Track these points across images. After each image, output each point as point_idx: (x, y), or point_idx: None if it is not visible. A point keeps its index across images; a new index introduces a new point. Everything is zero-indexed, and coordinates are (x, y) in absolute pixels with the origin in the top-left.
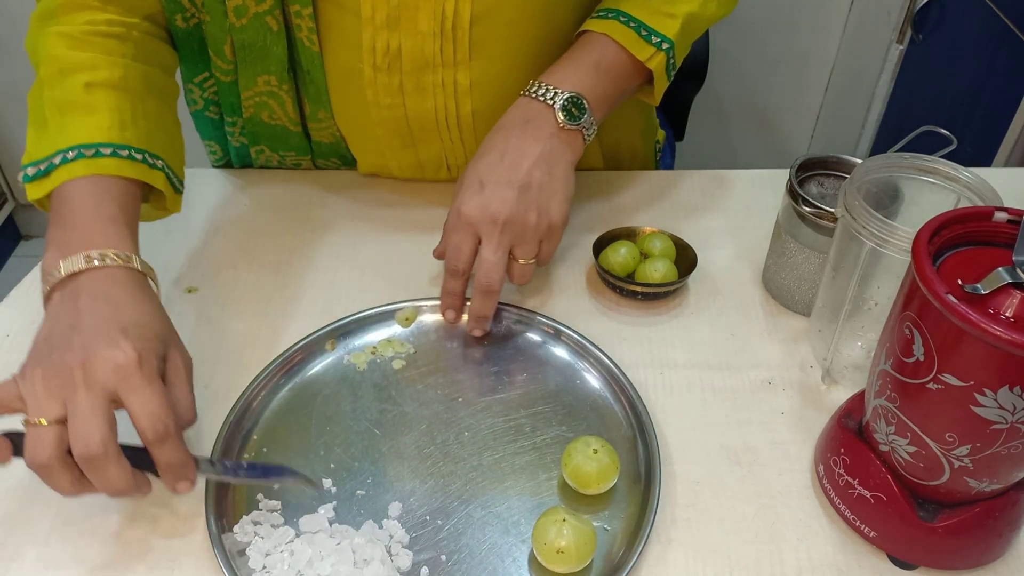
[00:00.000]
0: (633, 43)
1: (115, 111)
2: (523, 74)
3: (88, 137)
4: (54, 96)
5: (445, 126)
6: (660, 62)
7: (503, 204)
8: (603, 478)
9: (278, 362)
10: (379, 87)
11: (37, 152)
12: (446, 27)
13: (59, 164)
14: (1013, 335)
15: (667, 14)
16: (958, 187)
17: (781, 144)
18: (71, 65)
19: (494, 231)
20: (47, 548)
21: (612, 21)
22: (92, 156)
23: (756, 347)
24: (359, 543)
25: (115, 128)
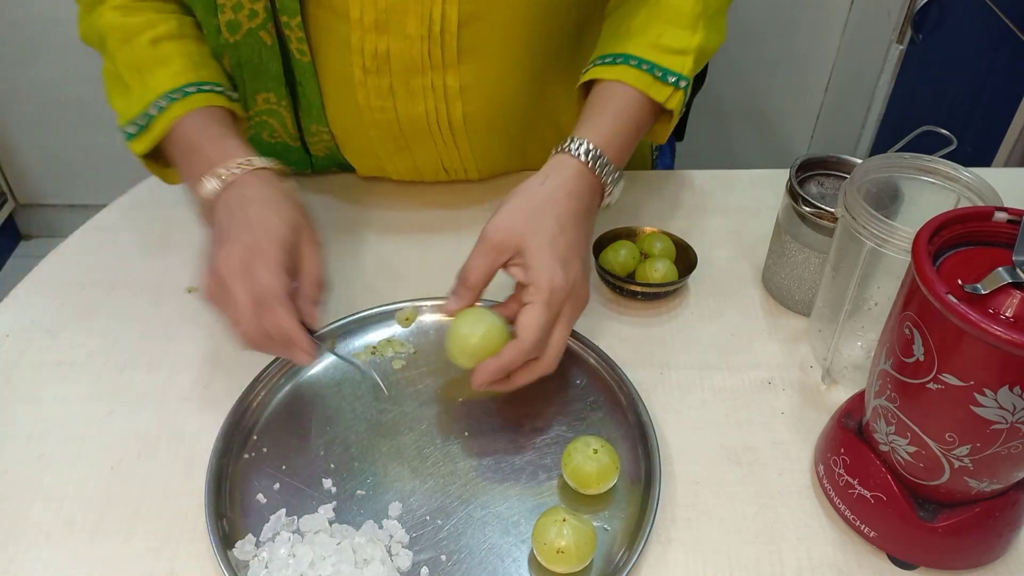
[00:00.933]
0: (649, 86)
1: (184, 56)
2: (512, 78)
3: (172, 83)
4: (127, 60)
5: (437, 129)
6: (678, 101)
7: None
8: (603, 478)
9: (278, 362)
10: (370, 89)
11: (129, 112)
12: (434, 31)
13: (156, 114)
14: (1013, 335)
15: (677, 51)
16: (958, 187)
17: (781, 144)
18: (132, 29)
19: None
20: (47, 548)
21: (623, 67)
22: (182, 98)
23: (756, 347)
24: (359, 543)
25: (191, 70)
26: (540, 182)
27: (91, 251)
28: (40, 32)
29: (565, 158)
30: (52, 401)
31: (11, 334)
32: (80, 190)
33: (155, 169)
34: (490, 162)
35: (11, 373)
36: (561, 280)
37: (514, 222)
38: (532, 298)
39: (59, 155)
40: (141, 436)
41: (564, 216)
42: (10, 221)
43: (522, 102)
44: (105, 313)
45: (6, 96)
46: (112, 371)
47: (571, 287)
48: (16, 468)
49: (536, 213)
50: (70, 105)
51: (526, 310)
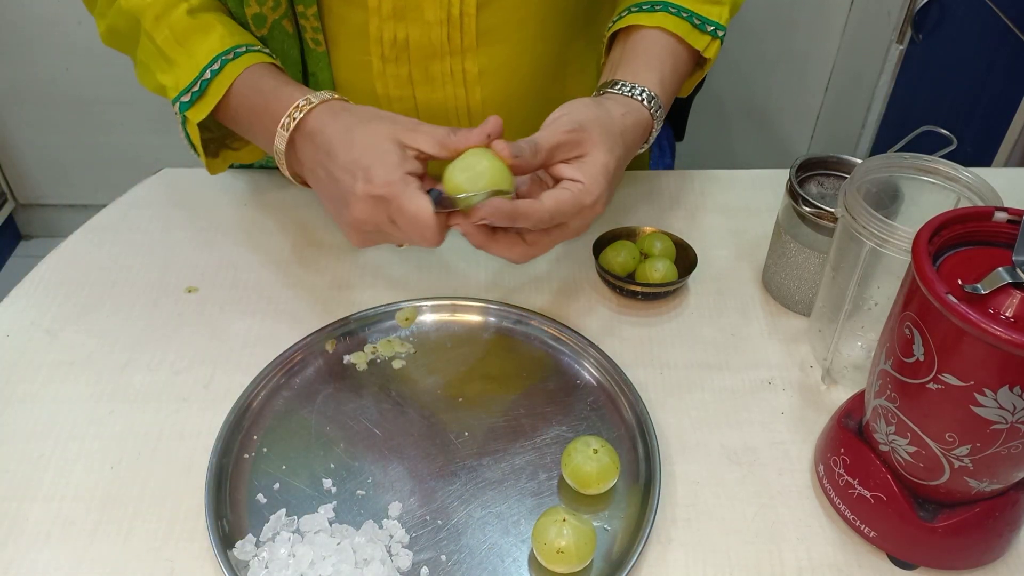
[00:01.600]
0: (688, 33)
1: (225, 23)
2: (531, 60)
3: (220, 46)
4: (166, 35)
5: (455, 115)
6: (715, 50)
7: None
8: (603, 478)
9: (278, 362)
10: (388, 79)
11: (180, 82)
12: (453, 14)
13: (211, 78)
14: (1013, 335)
15: (714, 1)
16: (958, 187)
17: (781, 144)
18: (165, 4)
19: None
20: (47, 548)
21: (662, 14)
22: (234, 58)
23: (756, 347)
24: (359, 543)
25: (236, 35)
26: (622, 114)
27: (91, 251)
28: (40, 32)
29: (638, 106)
30: (52, 401)
31: (11, 334)
32: (80, 190)
33: (203, 157)
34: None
35: (11, 373)
36: (601, 204)
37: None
38: (574, 190)
39: (59, 155)
40: (141, 436)
41: (628, 153)
42: (10, 221)
43: (538, 84)
44: (105, 313)
45: (6, 96)
46: (112, 371)
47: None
48: (16, 468)
49: (614, 136)
50: (70, 105)
51: (562, 190)
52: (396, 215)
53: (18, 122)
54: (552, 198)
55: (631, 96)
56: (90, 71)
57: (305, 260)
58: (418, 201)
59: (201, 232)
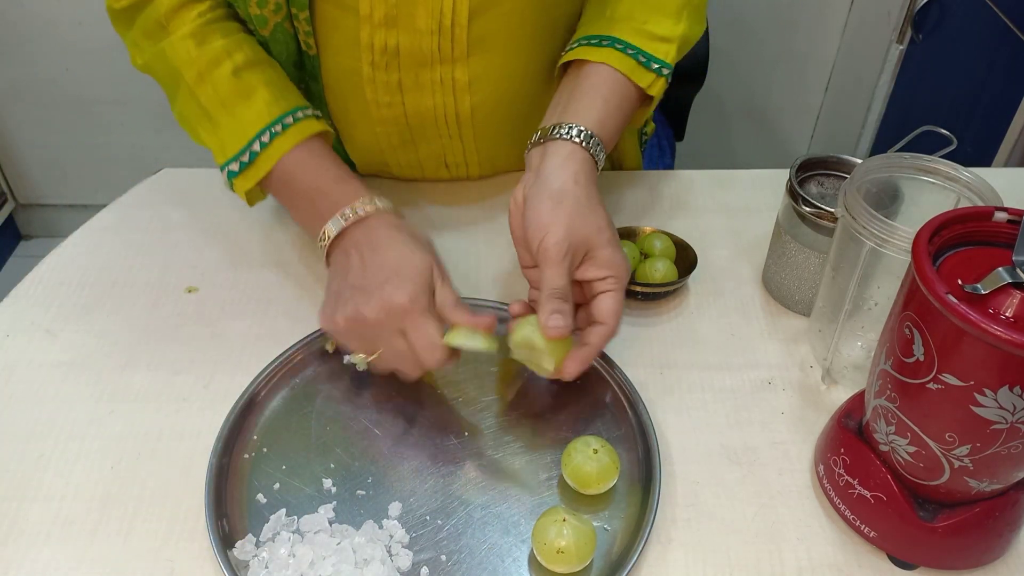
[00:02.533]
0: (633, 70)
1: (268, 84)
2: (520, 70)
3: (267, 115)
4: (210, 95)
5: (444, 123)
6: (660, 88)
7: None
8: (603, 478)
9: (278, 362)
10: (378, 85)
11: (226, 148)
12: (444, 24)
13: (260, 150)
14: (1013, 335)
15: (661, 38)
16: (958, 187)
17: (781, 144)
18: (209, 61)
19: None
20: (47, 548)
21: (608, 49)
22: (283, 131)
23: (756, 347)
24: (359, 543)
25: (280, 99)
26: (573, 180)
27: (91, 251)
28: (40, 32)
29: (570, 146)
30: (52, 401)
31: (11, 334)
32: (80, 190)
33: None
34: (492, 156)
35: (11, 373)
36: (625, 264)
37: (572, 233)
38: (612, 287)
39: (59, 155)
40: (141, 436)
41: (598, 204)
42: (10, 221)
43: (527, 94)
44: (105, 313)
45: (6, 96)
46: (112, 371)
47: (625, 267)
48: (16, 468)
49: (587, 215)
50: (70, 105)
51: (608, 297)
52: (411, 330)
53: (18, 122)
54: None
55: (568, 139)
56: (90, 71)
57: (305, 260)
58: (435, 324)
59: (201, 232)
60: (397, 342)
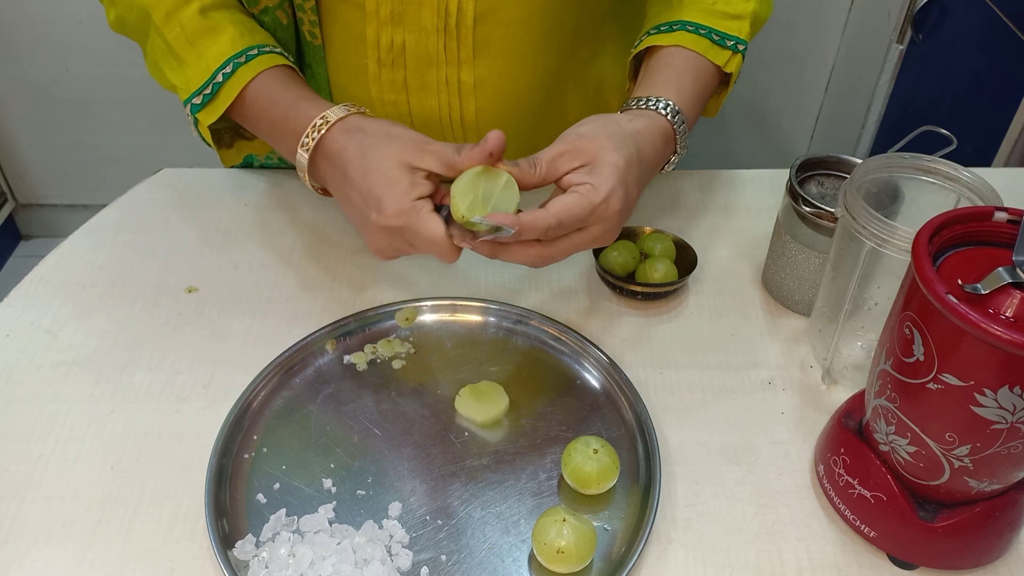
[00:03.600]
0: (708, 49)
1: (237, 23)
2: (525, 74)
3: (231, 49)
4: (177, 34)
5: (448, 124)
6: (737, 64)
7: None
8: (603, 478)
9: (278, 362)
10: (383, 83)
11: (190, 84)
12: (450, 24)
13: (223, 81)
14: (1013, 335)
15: (733, 16)
16: (958, 187)
17: (781, 144)
18: (176, 1)
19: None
20: (47, 548)
21: (680, 32)
22: (247, 61)
23: (756, 347)
24: (359, 543)
25: (247, 36)
26: (629, 119)
27: (91, 251)
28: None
29: (651, 114)
30: (52, 401)
31: (11, 334)
32: (80, 190)
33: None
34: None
35: (11, 373)
36: (616, 200)
37: (598, 136)
38: (583, 192)
39: (59, 155)
40: (141, 436)
41: (643, 154)
42: (10, 221)
43: (533, 99)
44: (105, 313)
45: (6, 96)
46: (112, 371)
47: (617, 213)
48: (16, 468)
49: (622, 137)
50: (70, 105)
51: (569, 194)
52: (413, 240)
53: (18, 122)
54: (558, 203)
55: (645, 107)
56: (90, 71)
57: (305, 260)
58: (431, 226)
59: (201, 232)
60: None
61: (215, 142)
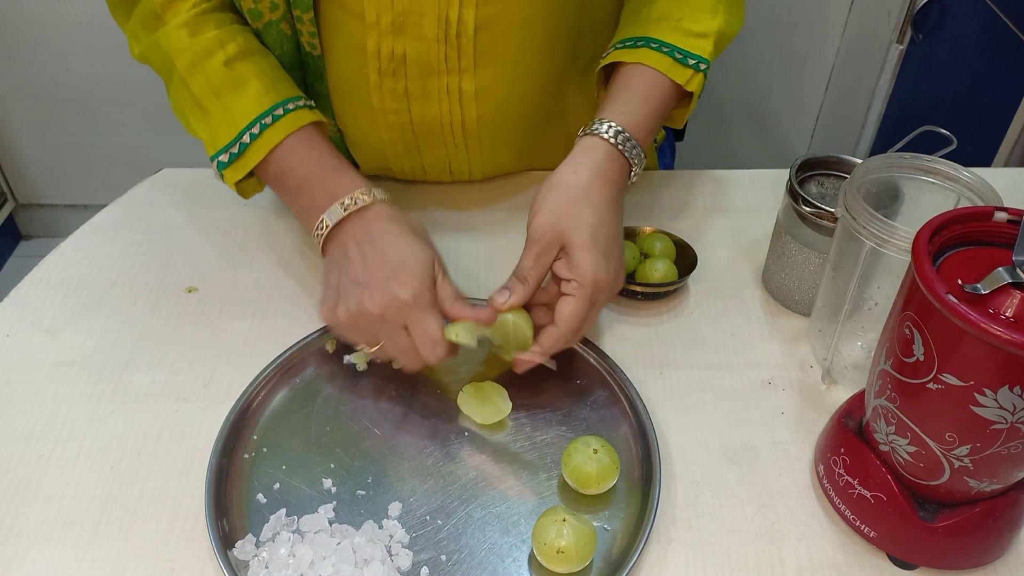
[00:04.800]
0: (670, 68)
1: (261, 75)
2: (528, 80)
3: (258, 106)
4: (202, 85)
5: (450, 132)
6: (699, 83)
7: (619, 280)
8: (603, 478)
9: (278, 362)
10: (385, 92)
11: (217, 140)
12: (450, 34)
13: (250, 142)
14: (1013, 335)
15: (698, 34)
16: (958, 187)
17: (781, 144)
18: (202, 51)
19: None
20: (47, 548)
21: (643, 50)
22: (273, 122)
23: (756, 347)
24: (359, 543)
25: (272, 89)
26: (573, 171)
27: (91, 251)
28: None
29: (594, 140)
30: (52, 401)
31: (11, 334)
32: (80, 190)
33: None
34: (497, 164)
35: (11, 373)
36: (603, 274)
37: (556, 219)
38: (574, 292)
39: (59, 155)
40: (141, 436)
41: (600, 204)
42: (10, 221)
43: (534, 104)
44: (105, 313)
45: (6, 96)
46: (112, 371)
47: (611, 279)
48: (16, 468)
49: (575, 206)
50: (70, 105)
51: (567, 302)
52: (413, 325)
53: (18, 122)
54: (562, 317)
55: (596, 135)
56: (90, 71)
57: (305, 260)
58: (437, 319)
59: (201, 232)
60: (400, 336)
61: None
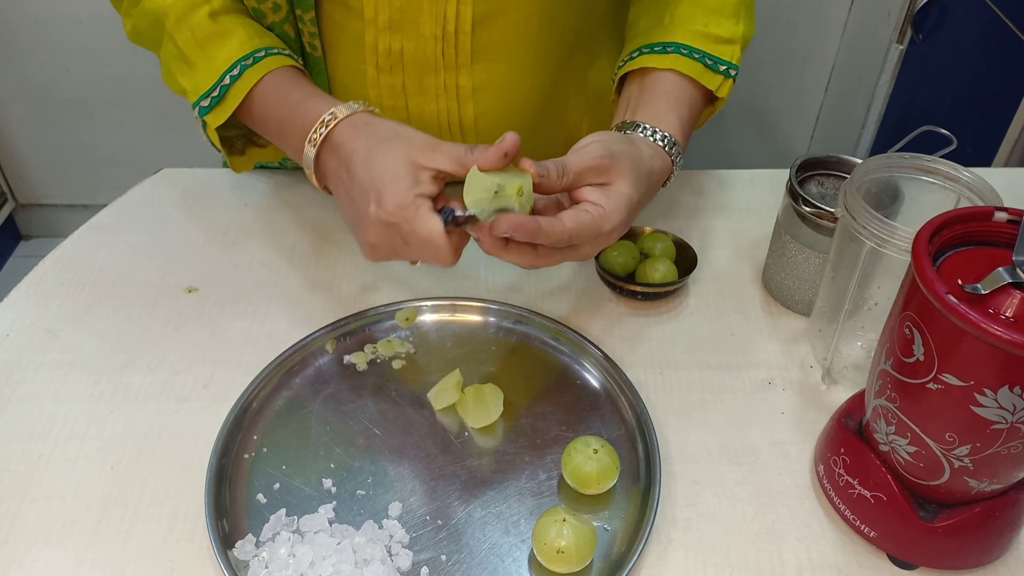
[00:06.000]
0: (701, 74)
1: (245, 26)
2: (526, 79)
3: (240, 52)
4: (187, 38)
5: (447, 129)
6: (728, 89)
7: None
8: (603, 478)
9: (278, 362)
10: (382, 87)
11: (199, 87)
12: (448, 30)
13: (230, 83)
14: (1013, 335)
15: (725, 40)
16: (958, 187)
17: (781, 144)
18: (187, 6)
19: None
20: (47, 548)
21: (674, 55)
22: (253, 63)
23: (756, 347)
24: (359, 543)
25: (255, 38)
26: (651, 155)
27: (91, 251)
28: (40, 32)
29: (664, 154)
30: (52, 401)
31: (11, 334)
32: (80, 190)
33: (226, 156)
34: None
35: (11, 373)
36: (615, 230)
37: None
38: (594, 213)
39: (59, 155)
40: (141, 436)
41: (648, 194)
42: (10, 221)
43: (532, 103)
44: (105, 313)
45: (6, 96)
46: (112, 371)
47: (608, 240)
48: (16, 468)
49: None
50: (70, 105)
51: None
52: (409, 238)
53: (18, 122)
54: (573, 219)
55: (654, 140)
56: (90, 71)
57: (305, 260)
58: (429, 224)
59: (201, 232)
60: (409, 251)
61: (227, 148)
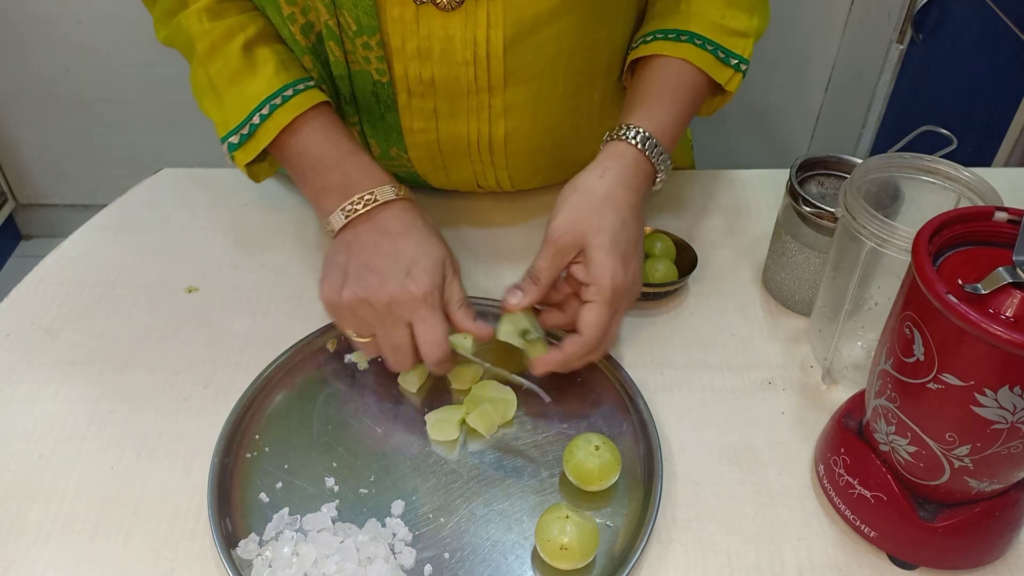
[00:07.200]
0: (712, 66)
1: (273, 58)
2: (557, 94)
3: (268, 89)
4: (219, 69)
5: (476, 149)
6: (737, 83)
7: (637, 287)
8: (605, 474)
9: (278, 362)
10: (414, 111)
11: (228, 122)
12: (479, 55)
13: (260, 123)
14: (1013, 335)
15: (739, 33)
16: (958, 187)
17: (781, 144)
18: (222, 34)
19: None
20: (47, 548)
21: (687, 45)
22: (283, 102)
23: (756, 347)
24: (363, 541)
25: (281, 72)
26: (599, 175)
27: (91, 251)
28: (40, 32)
29: (622, 146)
30: (52, 401)
31: (11, 334)
32: (80, 190)
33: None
34: (524, 177)
35: (11, 373)
36: (622, 279)
37: (576, 221)
38: (594, 297)
39: (59, 155)
40: (141, 436)
41: (624, 210)
42: (10, 221)
43: (563, 119)
44: (105, 313)
45: (6, 96)
46: (112, 371)
47: (630, 285)
48: (16, 468)
49: (598, 210)
50: (70, 105)
51: (589, 308)
52: (420, 322)
53: (18, 122)
54: (585, 324)
55: (624, 140)
56: (90, 71)
57: (305, 260)
58: (443, 322)
59: (201, 232)
60: (398, 332)
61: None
